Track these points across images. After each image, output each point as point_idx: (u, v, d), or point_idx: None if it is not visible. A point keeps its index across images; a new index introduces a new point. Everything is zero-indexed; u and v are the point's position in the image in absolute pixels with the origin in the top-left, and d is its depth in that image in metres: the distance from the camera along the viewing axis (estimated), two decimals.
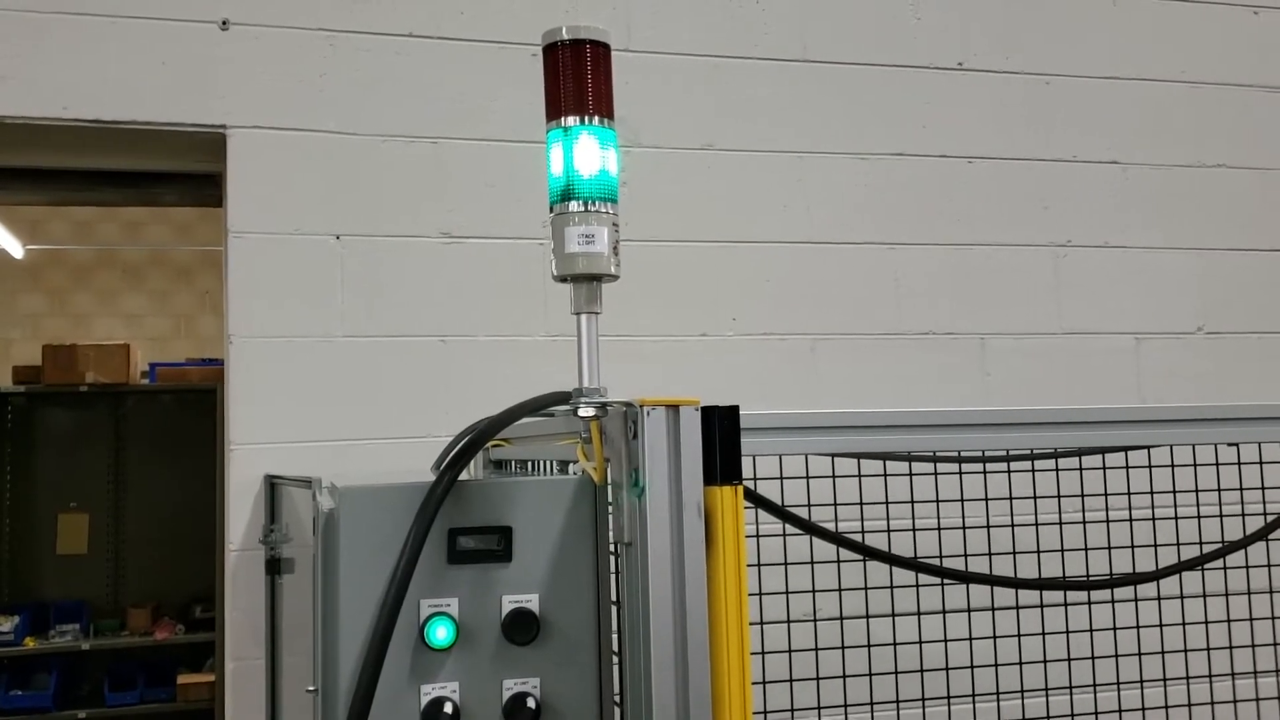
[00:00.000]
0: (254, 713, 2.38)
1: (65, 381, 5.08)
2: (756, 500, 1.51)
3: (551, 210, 1.12)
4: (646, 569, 1.05)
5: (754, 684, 1.13)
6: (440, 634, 1.08)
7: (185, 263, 7.60)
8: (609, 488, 1.11)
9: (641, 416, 1.03)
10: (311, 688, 1.16)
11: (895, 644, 2.16)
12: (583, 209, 1.08)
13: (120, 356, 5.20)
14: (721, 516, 1.04)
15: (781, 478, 1.95)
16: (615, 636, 1.15)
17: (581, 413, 1.10)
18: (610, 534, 1.12)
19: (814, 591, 2.05)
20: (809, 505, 1.95)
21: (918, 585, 2.11)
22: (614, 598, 1.16)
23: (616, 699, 1.14)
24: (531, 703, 1.08)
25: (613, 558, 1.17)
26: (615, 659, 1.14)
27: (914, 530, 2.08)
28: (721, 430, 1.04)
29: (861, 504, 2.08)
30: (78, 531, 5.23)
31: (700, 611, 1.05)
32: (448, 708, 1.07)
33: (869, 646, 2.14)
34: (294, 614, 2.42)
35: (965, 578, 1.81)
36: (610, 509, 1.11)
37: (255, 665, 2.42)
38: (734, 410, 1.05)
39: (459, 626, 1.09)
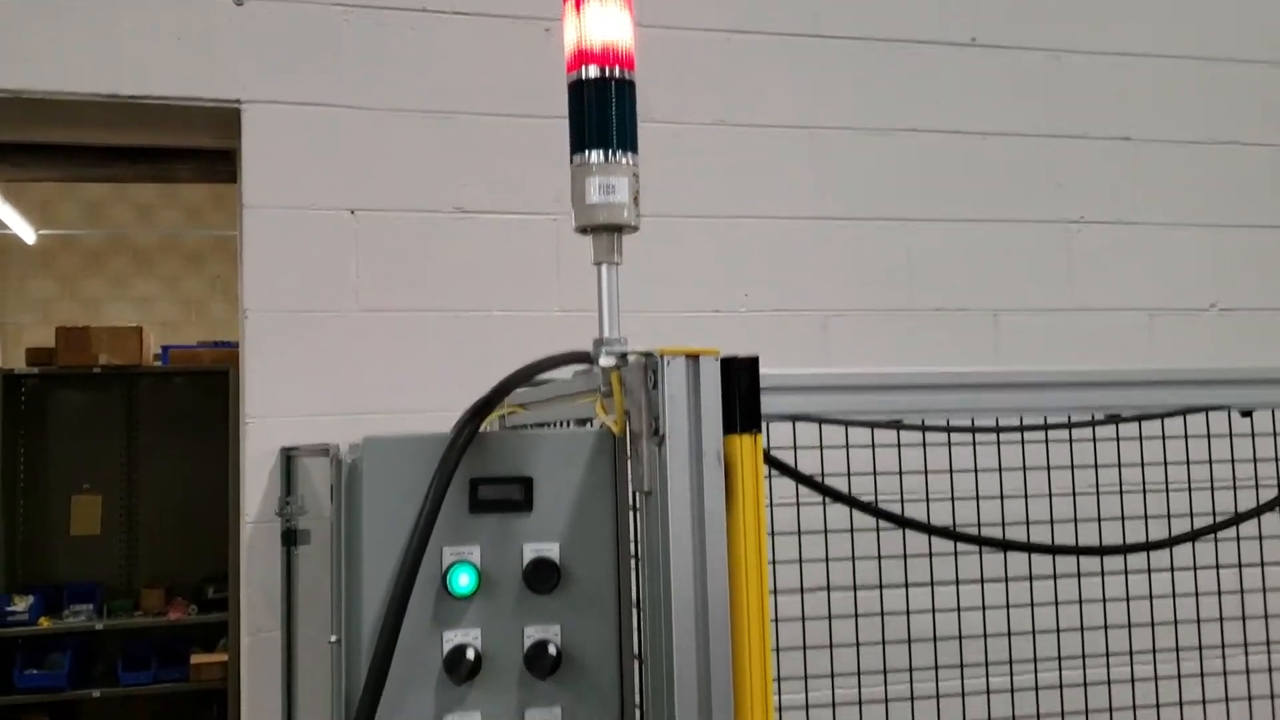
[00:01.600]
0: (270, 683, 2.40)
1: (79, 363, 5.11)
2: (769, 461, 1.51)
3: (571, 161, 1.13)
4: (666, 517, 1.06)
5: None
6: (463, 581, 1.09)
7: (196, 248, 7.62)
8: (629, 439, 1.12)
9: (662, 366, 1.04)
10: (334, 638, 1.17)
11: (908, 612, 2.17)
12: (603, 159, 1.09)
13: (133, 339, 5.23)
14: (741, 464, 1.05)
15: (795, 446, 1.95)
16: (635, 586, 1.16)
17: (602, 362, 1.11)
18: (630, 485, 1.13)
19: (826, 561, 2.06)
20: (822, 474, 1.95)
21: (930, 554, 2.12)
22: (634, 550, 1.17)
23: (636, 650, 1.16)
24: (553, 649, 1.09)
25: (632, 513, 1.18)
26: (635, 609, 1.15)
27: (927, 500, 2.09)
28: (741, 380, 1.05)
29: (875, 474, 2.08)
30: (91, 513, 5.26)
31: (720, 558, 1.06)
32: (469, 654, 1.08)
33: (881, 615, 2.15)
34: (310, 585, 2.44)
35: (980, 541, 1.82)
36: (630, 461, 1.12)
37: (271, 637, 2.44)
38: (754, 360, 1.06)
39: (481, 574, 1.10)
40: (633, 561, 1.18)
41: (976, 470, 2.10)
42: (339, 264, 2.53)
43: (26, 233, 6.83)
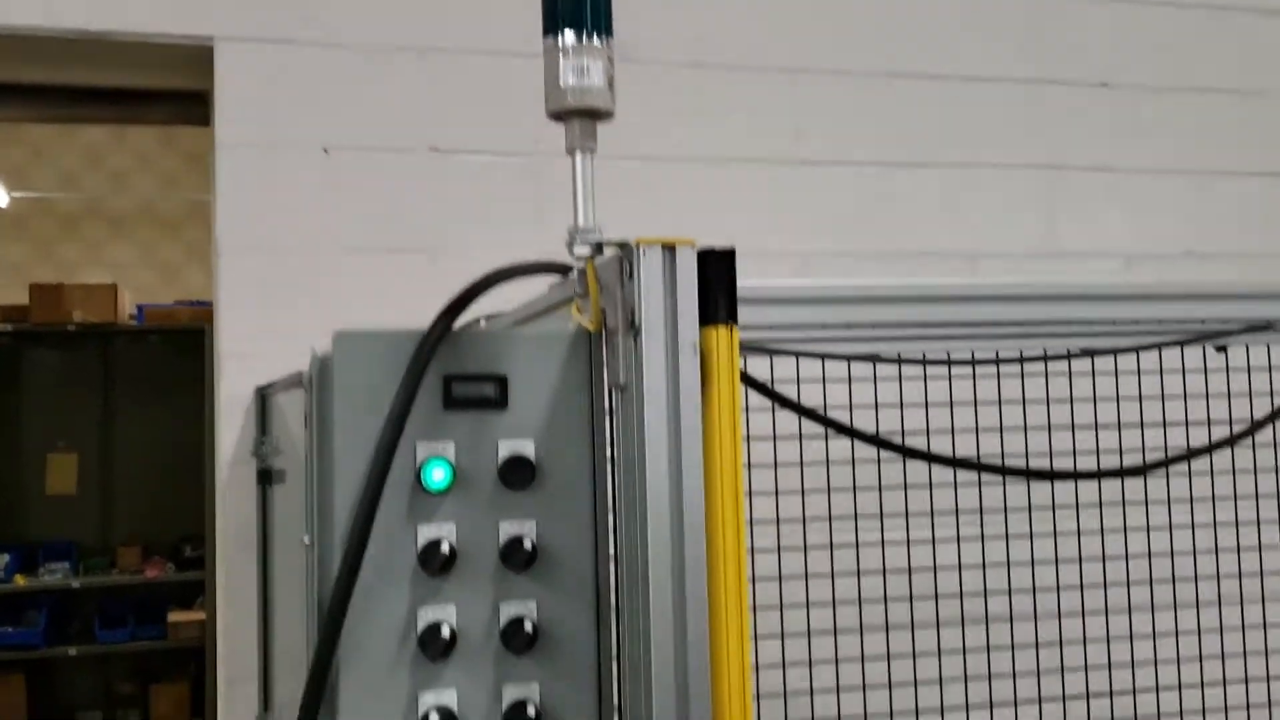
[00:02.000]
0: (246, 620, 2.38)
1: (52, 321, 5.06)
2: (745, 380, 1.51)
3: (543, 45, 1.11)
4: (642, 411, 1.05)
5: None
6: (437, 476, 1.08)
7: (173, 215, 7.54)
8: (604, 335, 1.11)
9: (638, 256, 1.03)
10: (306, 539, 1.16)
11: (907, 542, 2.17)
12: (577, 41, 1.07)
13: (108, 296, 5.18)
14: (717, 356, 1.05)
15: (772, 377, 1.94)
16: (611, 488, 1.15)
17: (577, 250, 1.10)
18: (606, 382, 1.12)
19: (802, 493, 2.07)
20: (799, 396, 1.95)
21: (905, 487, 2.13)
22: (610, 453, 1.16)
23: (612, 550, 1.15)
24: (528, 544, 1.09)
25: (609, 418, 1.17)
26: (611, 511, 1.15)
27: (902, 432, 2.09)
28: (718, 271, 1.04)
29: (850, 407, 2.09)
30: (67, 472, 5.23)
31: (695, 451, 1.06)
32: (444, 548, 1.07)
33: (881, 545, 2.15)
34: (286, 523, 2.43)
35: (958, 464, 1.82)
36: (606, 356, 1.11)
37: (247, 575, 2.42)
38: (730, 252, 1.05)
39: (455, 471, 1.09)
40: (609, 466, 1.17)
41: (952, 403, 2.11)
42: (314, 203, 2.50)
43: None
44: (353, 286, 2.50)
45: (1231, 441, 1.89)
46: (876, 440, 1.73)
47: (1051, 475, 2.09)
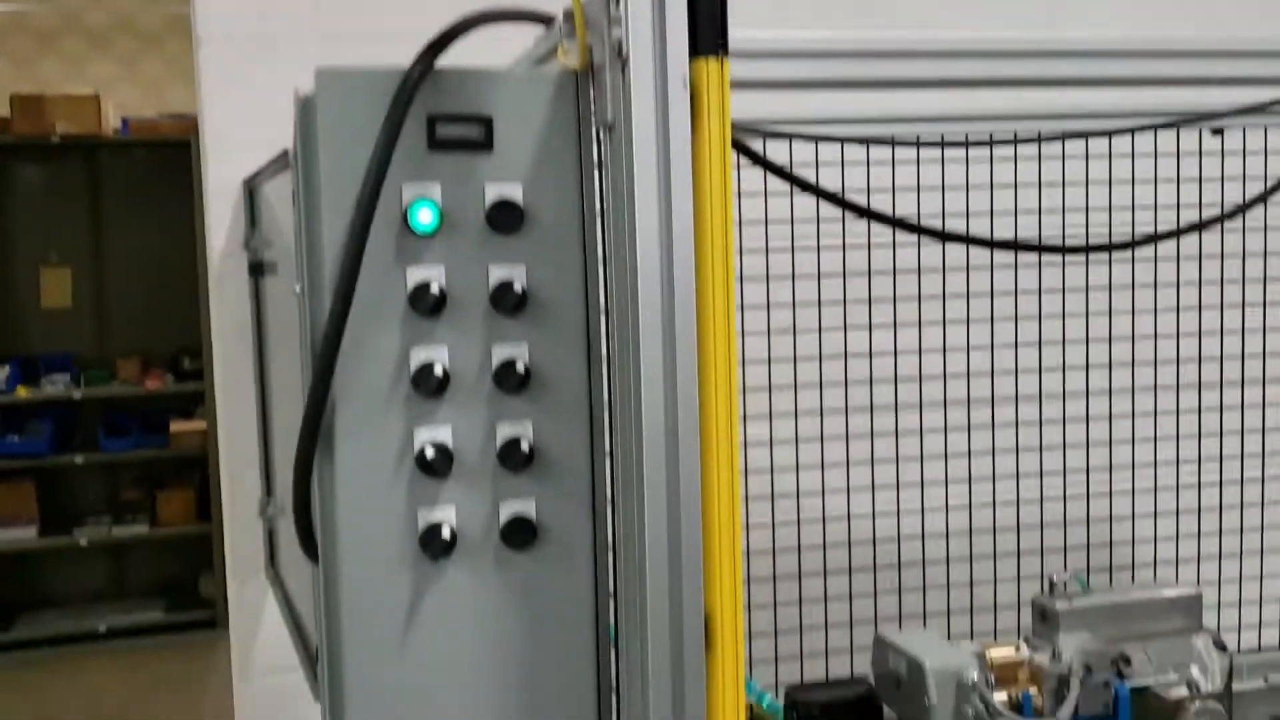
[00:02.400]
0: (245, 412, 2.42)
1: (35, 133, 4.97)
2: (737, 147, 1.49)
3: None
4: (631, 149, 1.04)
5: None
6: (424, 218, 1.08)
7: (153, 28, 7.30)
8: (591, 72, 1.09)
9: None
10: (297, 288, 1.17)
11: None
12: None
13: (91, 107, 5.07)
14: (707, 89, 1.03)
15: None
16: (600, 236, 1.15)
17: None
18: (594, 123, 1.11)
19: (793, 250, 2.07)
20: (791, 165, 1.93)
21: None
22: (599, 206, 1.16)
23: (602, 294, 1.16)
24: (518, 287, 1.10)
25: (597, 171, 1.16)
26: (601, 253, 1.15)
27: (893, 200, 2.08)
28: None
29: (844, 190, 2.07)
30: (61, 285, 5.23)
31: (685, 189, 1.05)
32: (434, 289, 1.08)
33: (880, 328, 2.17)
34: (279, 314, 2.44)
35: (945, 237, 1.82)
36: (593, 93, 1.10)
37: (244, 368, 2.45)
38: None
39: (442, 212, 1.09)
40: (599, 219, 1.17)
41: (944, 185, 2.10)
42: None
43: None
44: None
45: (1221, 220, 1.89)
46: (892, 220, 1.73)
47: (1039, 249, 2.09)
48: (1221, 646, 1.65)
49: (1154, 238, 1.97)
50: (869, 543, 2.23)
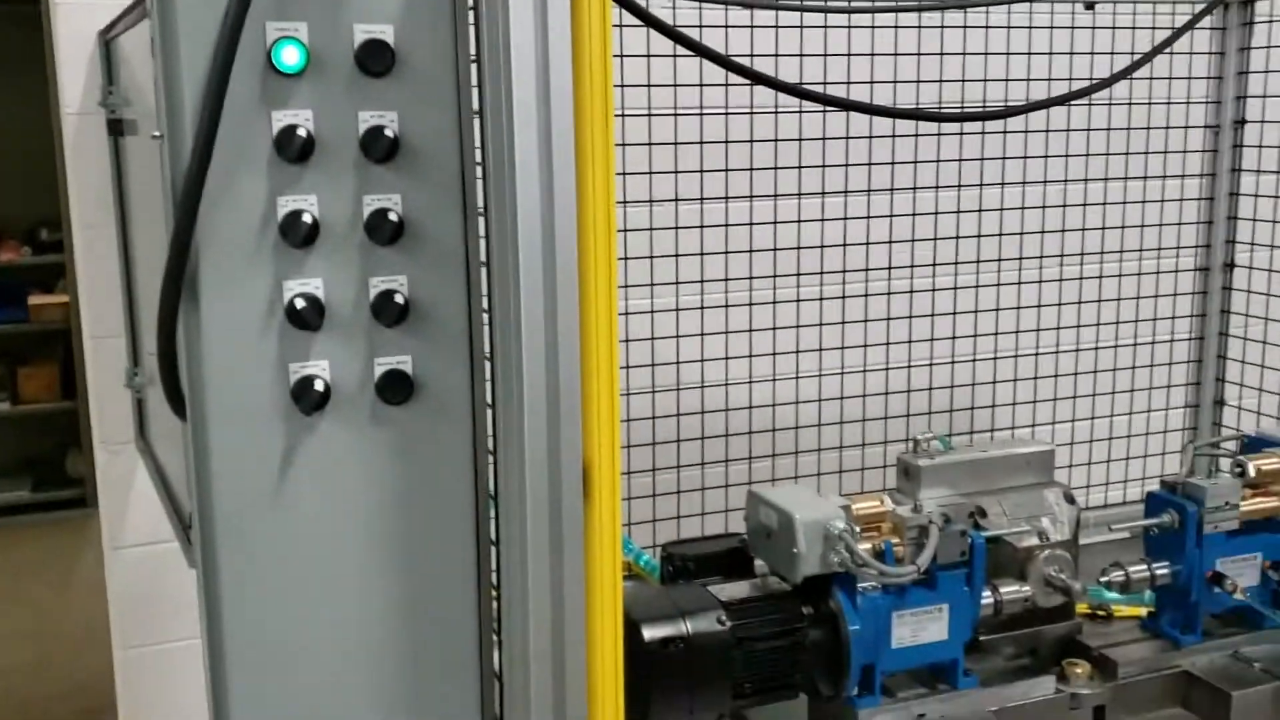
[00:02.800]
0: (109, 280, 2.33)
1: None
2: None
3: None
4: None
5: None
6: (289, 57, 1.04)
7: None
8: None
9: None
10: (156, 133, 1.11)
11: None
12: None
13: None
14: None
15: None
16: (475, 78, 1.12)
17: None
18: None
19: (675, 114, 2.06)
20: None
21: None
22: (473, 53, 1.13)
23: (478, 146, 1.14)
24: (389, 133, 1.07)
25: (471, 15, 1.12)
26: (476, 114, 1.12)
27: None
28: None
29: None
30: None
31: (563, 33, 1.03)
32: (301, 132, 1.05)
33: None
34: (141, 175, 2.33)
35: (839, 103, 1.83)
36: None
37: (106, 234, 2.34)
38: None
39: (309, 52, 1.05)
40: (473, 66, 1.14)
41: (825, 53, 2.10)
42: None
43: None
44: None
45: (1091, 91, 1.94)
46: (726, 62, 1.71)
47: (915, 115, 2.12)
48: (1071, 500, 1.76)
49: (1021, 110, 2.01)
50: (745, 409, 2.28)
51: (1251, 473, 1.75)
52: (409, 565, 1.19)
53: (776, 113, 2.15)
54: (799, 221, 2.27)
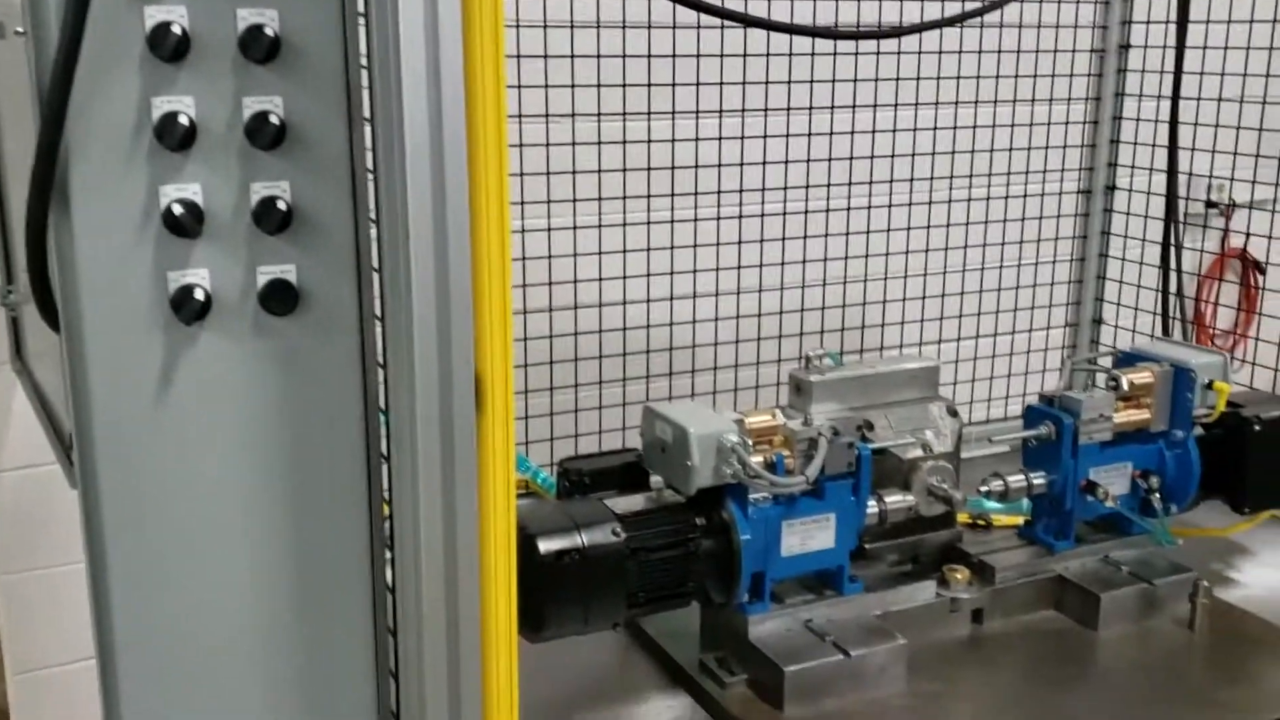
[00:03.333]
0: None
1: None
2: None
3: None
4: None
5: None
6: None
7: None
8: None
9: None
10: (19, 29, 1.05)
11: None
12: None
13: None
14: None
15: None
16: None
17: None
18: None
19: (572, 26, 2.03)
20: None
21: None
22: None
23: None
24: (269, 32, 1.03)
25: None
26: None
27: None
28: None
29: None
30: None
31: None
32: (175, 29, 1.00)
33: None
34: (7, 82, 2.21)
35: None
36: None
37: None
38: None
39: None
40: None
41: None
42: None
43: None
44: None
45: (981, 13, 1.96)
46: None
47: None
48: (954, 413, 1.81)
49: (913, 29, 2.03)
50: (643, 328, 2.30)
51: (1125, 386, 1.82)
52: (296, 479, 1.17)
53: (674, 29, 2.13)
54: (696, 140, 2.27)
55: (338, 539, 1.20)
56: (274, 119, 1.05)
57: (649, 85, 2.16)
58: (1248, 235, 2.75)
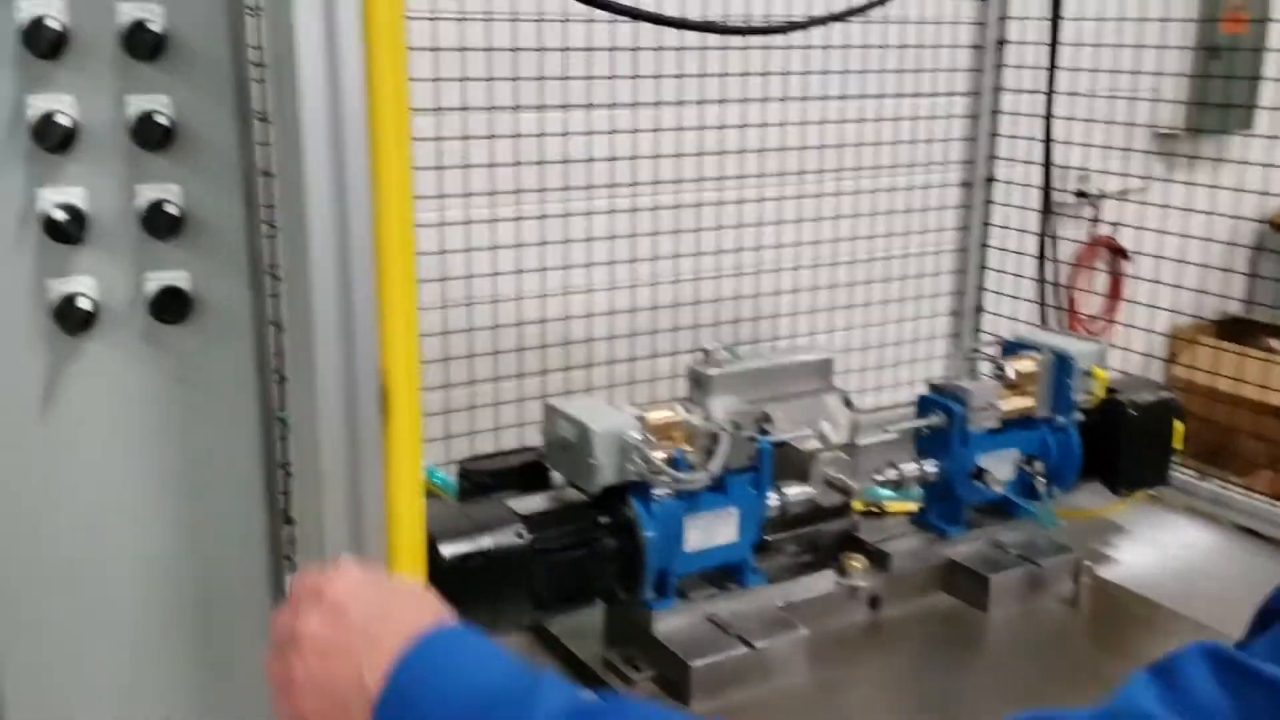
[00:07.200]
0: None
1: None
2: None
3: None
4: None
5: None
6: None
7: None
8: None
9: None
10: None
11: None
12: None
13: None
14: None
15: None
16: None
17: None
18: None
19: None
20: None
21: None
22: None
23: None
24: (155, 26, 0.98)
25: None
26: None
27: None
28: None
29: None
30: None
31: None
32: (52, 23, 0.94)
33: None
34: None
35: None
36: None
37: None
38: None
39: None
40: None
41: None
42: None
43: None
44: None
45: (867, 9, 1.99)
46: None
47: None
48: (849, 404, 1.84)
49: (802, 25, 2.05)
50: (539, 323, 2.28)
51: (1010, 374, 1.87)
52: (193, 493, 1.13)
53: (566, 21, 2.11)
54: (589, 134, 2.25)
55: (237, 553, 1.16)
56: (161, 118, 1.01)
57: (540, 80, 2.14)
58: (1115, 225, 2.86)
